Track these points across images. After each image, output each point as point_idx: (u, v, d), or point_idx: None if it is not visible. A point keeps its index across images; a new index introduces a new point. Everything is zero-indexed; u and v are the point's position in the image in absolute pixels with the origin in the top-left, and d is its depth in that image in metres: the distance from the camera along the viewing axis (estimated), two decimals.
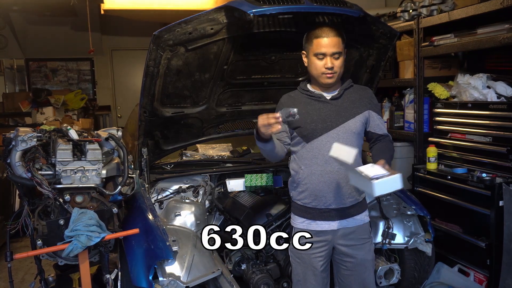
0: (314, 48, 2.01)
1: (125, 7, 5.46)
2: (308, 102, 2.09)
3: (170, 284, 2.03)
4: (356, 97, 2.11)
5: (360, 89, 2.18)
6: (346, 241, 2.09)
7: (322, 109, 2.06)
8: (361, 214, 2.13)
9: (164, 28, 2.20)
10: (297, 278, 2.16)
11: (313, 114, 2.06)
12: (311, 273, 2.10)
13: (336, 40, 1.99)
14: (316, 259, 2.09)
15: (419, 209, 2.65)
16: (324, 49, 1.98)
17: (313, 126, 2.05)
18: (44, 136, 2.13)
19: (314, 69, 2.04)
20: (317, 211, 2.08)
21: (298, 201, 2.14)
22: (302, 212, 2.12)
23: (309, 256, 2.09)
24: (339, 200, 2.05)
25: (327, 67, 1.99)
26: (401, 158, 3.63)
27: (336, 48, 1.99)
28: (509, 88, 2.79)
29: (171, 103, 2.67)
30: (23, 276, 3.63)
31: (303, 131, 2.06)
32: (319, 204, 2.06)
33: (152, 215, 2.23)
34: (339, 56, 2.01)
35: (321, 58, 2.00)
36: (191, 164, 3.15)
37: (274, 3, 2.08)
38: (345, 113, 2.06)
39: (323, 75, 2.02)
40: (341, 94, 2.09)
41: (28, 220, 2.04)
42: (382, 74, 2.91)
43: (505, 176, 2.66)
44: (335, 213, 2.07)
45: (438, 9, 3.15)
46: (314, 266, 2.09)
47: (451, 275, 2.91)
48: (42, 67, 8.16)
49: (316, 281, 2.11)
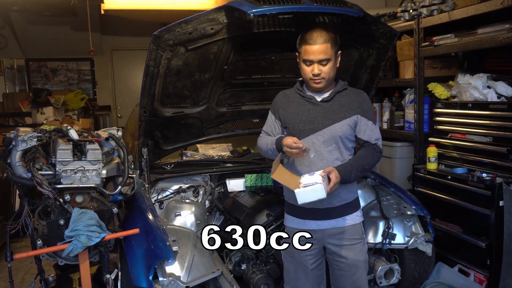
0: (302, 54, 2.04)
1: (125, 7, 5.46)
2: (300, 102, 2.13)
3: (170, 284, 2.03)
4: (346, 101, 2.10)
5: (353, 93, 2.16)
6: (335, 240, 2.10)
7: (312, 111, 2.09)
8: (351, 214, 2.13)
9: (164, 28, 2.20)
10: (289, 276, 2.20)
11: (303, 114, 2.09)
12: (302, 271, 2.14)
13: (323, 47, 1.98)
14: (306, 257, 2.12)
15: (419, 209, 2.65)
16: (311, 56, 2.00)
17: (301, 127, 2.08)
18: (44, 136, 2.13)
19: (303, 74, 2.08)
20: (305, 211, 2.10)
21: (288, 200, 2.18)
22: (292, 211, 2.16)
23: (300, 254, 2.12)
24: (326, 200, 2.03)
25: (313, 73, 2.01)
26: (401, 158, 3.63)
27: (323, 55, 1.99)
28: (509, 88, 2.79)
29: (171, 103, 2.67)
30: (23, 276, 3.63)
31: (292, 130, 2.10)
32: None
33: (152, 215, 2.23)
34: (326, 62, 2.01)
35: (309, 65, 2.03)
36: (191, 164, 3.15)
37: (274, 3, 2.08)
38: (332, 116, 2.07)
39: (311, 80, 2.05)
40: (332, 97, 2.10)
41: (28, 220, 2.04)
42: (382, 74, 2.91)
43: (505, 176, 2.66)
44: (323, 212, 2.08)
45: (438, 9, 3.15)
46: (305, 264, 2.12)
47: (451, 275, 2.91)
48: (42, 67, 8.16)
49: (307, 279, 2.13)
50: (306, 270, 2.13)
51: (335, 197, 2.07)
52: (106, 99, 8.28)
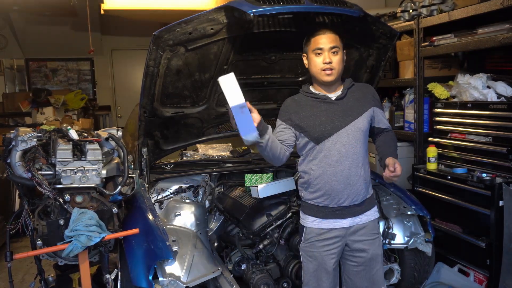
0: (312, 46, 2.06)
1: (125, 7, 5.46)
2: (314, 105, 2.11)
3: (170, 284, 2.03)
4: (360, 95, 2.14)
5: (362, 87, 2.22)
6: (358, 236, 2.11)
7: (329, 110, 2.08)
8: (371, 210, 2.16)
9: (164, 28, 2.20)
10: (308, 277, 2.14)
11: (321, 115, 2.08)
12: (324, 272, 2.10)
13: (333, 36, 2.05)
14: (328, 257, 2.09)
15: (419, 209, 2.65)
16: (321, 44, 2.03)
17: (322, 128, 2.06)
18: (44, 136, 2.13)
19: (313, 67, 2.08)
20: (329, 210, 2.09)
21: (309, 201, 2.14)
22: (313, 211, 2.13)
23: (321, 254, 2.09)
24: (352, 198, 2.07)
25: (325, 62, 2.03)
26: (401, 158, 3.59)
27: (333, 43, 2.03)
28: (509, 88, 2.79)
29: (171, 103, 2.67)
30: (23, 276, 3.63)
31: (312, 133, 2.07)
32: (331, 203, 2.08)
33: (152, 215, 2.23)
34: (337, 51, 2.04)
35: (319, 54, 2.04)
36: (191, 164, 3.14)
37: (274, 3, 2.08)
38: (351, 112, 2.09)
39: (322, 71, 2.05)
40: (345, 94, 2.12)
41: (28, 220, 2.04)
42: (382, 74, 2.91)
43: (505, 176, 2.65)
44: (346, 210, 2.09)
45: (438, 9, 3.15)
46: (327, 264, 2.09)
47: (451, 275, 2.91)
48: (42, 67, 8.16)
49: (328, 279, 2.10)
50: (328, 270, 2.10)
51: (359, 193, 2.08)
52: (106, 99, 8.29)
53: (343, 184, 2.05)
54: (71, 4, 5.17)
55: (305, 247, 2.15)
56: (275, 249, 2.57)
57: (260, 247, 2.54)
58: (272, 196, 2.80)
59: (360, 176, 2.08)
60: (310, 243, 2.12)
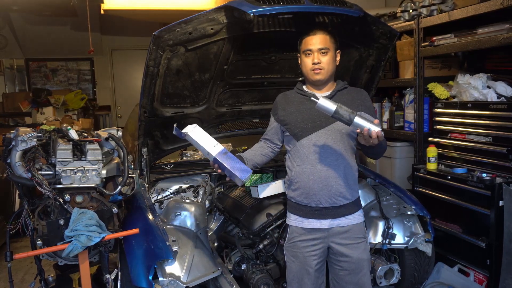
0: (303, 47, 2.10)
1: (125, 7, 5.45)
2: (301, 101, 2.15)
3: (170, 284, 2.03)
4: (348, 99, 2.13)
5: (354, 91, 2.22)
6: (340, 239, 2.11)
7: (313, 109, 2.07)
8: (354, 213, 2.14)
9: (164, 28, 2.20)
10: (291, 277, 2.18)
11: (304, 113, 2.11)
12: (305, 272, 2.12)
13: (322, 37, 2.06)
14: (310, 258, 2.11)
15: (419, 209, 2.65)
16: (310, 45, 2.06)
17: (303, 125, 2.10)
18: (44, 136, 2.13)
19: (303, 67, 2.11)
20: (309, 209, 2.11)
21: (292, 198, 2.18)
22: (295, 209, 2.16)
23: (304, 254, 2.12)
24: (330, 199, 2.07)
25: (313, 62, 2.05)
26: (401, 158, 3.63)
27: (322, 44, 2.05)
28: (509, 88, 2.79)
29: (171, 103, 2.67)
30: (23, 276, 3.62)
31: (293, 129, 2.12)
32: (310, 202, 2.10)
33: (152, 215, 2.23)
34: (326, 52, 2.06)
35: (309, 55, 2.07)
36: (191, 164, 3.14)
37: (274, 3, 2.09)
38: None
39: (311, 71, 2.08)
40: (333, 95, 2.13)
41: (28, 220, 2.04)
42: (382, 74, 2.91)
43: (505, 176, 2.66)
44: (325, 211, 2.09)
45: (438, 9, 3.16)
46: (309, 265, 2.11)
47: (451, 275, 2.91)
48: (42, 67, 8.16)
49: (309, 280, 2.12)
50: (309, 271, 2.12)
51: (339, 195, 2.08)
52: (106, 99, 8.28)
53: (320, 185, 2.07)
54: (71, 4, 5.16)
55: (288, 247, 2.18)
56: (275, 249, 2.57)
57: (260, 247, 2.54)
58: (272, 196, 2.80)
59: (339, 178, 2.07)
60: (293, 243, 2.15)
